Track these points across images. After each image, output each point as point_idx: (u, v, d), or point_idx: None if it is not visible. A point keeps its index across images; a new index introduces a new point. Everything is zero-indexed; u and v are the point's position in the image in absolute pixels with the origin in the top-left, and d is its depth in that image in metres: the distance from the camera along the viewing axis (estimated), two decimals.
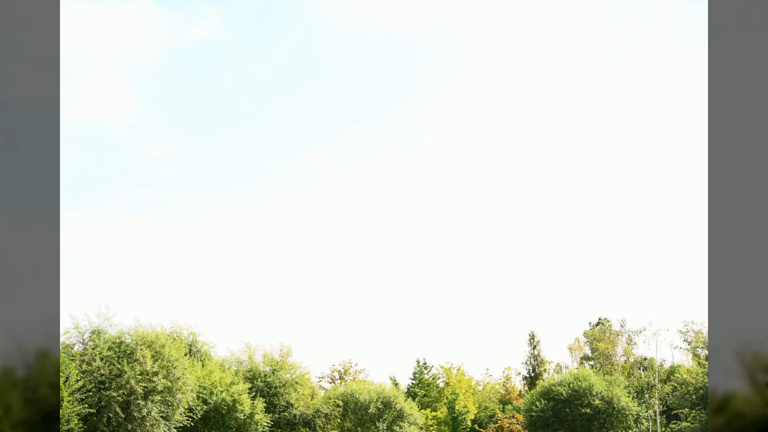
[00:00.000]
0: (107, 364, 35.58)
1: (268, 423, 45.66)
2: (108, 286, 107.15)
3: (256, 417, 44.02)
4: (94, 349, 36.00)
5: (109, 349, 36.27)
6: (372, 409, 51.82)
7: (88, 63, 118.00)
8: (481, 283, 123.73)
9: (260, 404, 44.63)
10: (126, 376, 35.07)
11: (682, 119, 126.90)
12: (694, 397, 48.87)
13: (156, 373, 36.46)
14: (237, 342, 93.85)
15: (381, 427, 51.78)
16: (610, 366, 71.77)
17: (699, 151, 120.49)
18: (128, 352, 36.40)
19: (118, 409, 34.62)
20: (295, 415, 49.40)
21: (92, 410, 33.99)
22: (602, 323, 79.80)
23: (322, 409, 50.74)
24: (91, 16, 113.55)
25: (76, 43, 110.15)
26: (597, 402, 54.17)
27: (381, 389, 53.86)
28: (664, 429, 63.45)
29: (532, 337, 79.26)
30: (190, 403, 39.32)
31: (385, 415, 52.38)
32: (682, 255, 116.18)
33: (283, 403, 48.91)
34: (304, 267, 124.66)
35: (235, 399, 42.83)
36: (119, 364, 35.62)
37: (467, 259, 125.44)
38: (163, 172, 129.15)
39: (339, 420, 52.52)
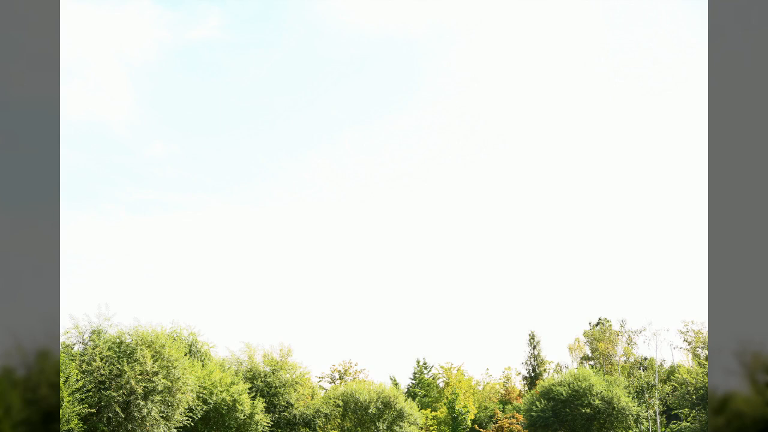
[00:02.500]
0: (107, 364, 35.55)
1: (268, 423, 45.65)
2: (108, 286, 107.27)
3: (256, 417, 44.01)
4: (94, 349, 35.97)
5: (109, 349, 36.24)
6: (372, 409, 51.81)
7: (88, 63, 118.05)
8: (481, 284, 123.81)
9: (260, 404, 44.61)
10: (126, 376, 35.05)
11: (682, 119, 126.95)
12: (694, 397, 48.84)
13: (156, 373, 36.44)
14: (237, 342, 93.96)
15: (381, 427, 51.77)
16: (610, 366, 71.76)
17: (699, 151, 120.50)
18: (128, 352, 36.37)
19: (118, 409, 34.59)
20: (295, 415, 49.41)
21: (92, 410, 33.96)
22: (602, 323, 79.84)
23: (322, 409, 50.75)
24: (91, 16, 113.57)
25: (76, 43, 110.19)
26: (597, 402, 54.14)
27: (381, 389, 53.84)
28: (664, 429, 63.41)
29: (532, 337, 79.32)
30: (190, 403, 39.30)
31: (385, 415, 52.37)
32: (682, 255, 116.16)
33: (283, 403, 48.91)
34: (304, 267, 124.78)
35: (235, 399, 42.81)
36: (119, 364, 35.59)
37: (467, 260, 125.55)
38: (163, 172, 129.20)
39: (339, 420, 52.52)
